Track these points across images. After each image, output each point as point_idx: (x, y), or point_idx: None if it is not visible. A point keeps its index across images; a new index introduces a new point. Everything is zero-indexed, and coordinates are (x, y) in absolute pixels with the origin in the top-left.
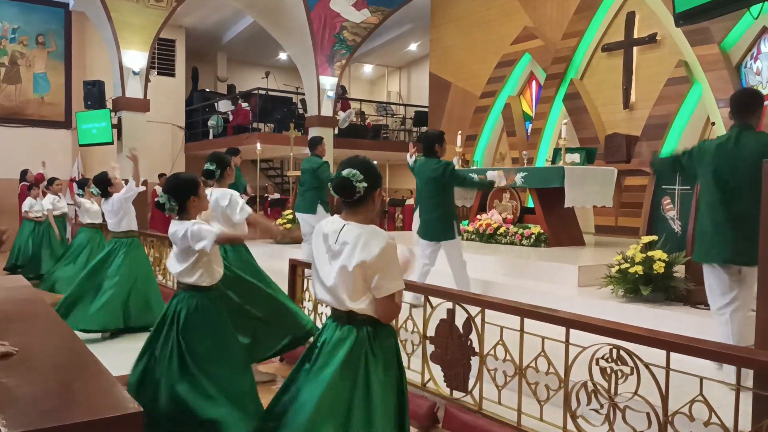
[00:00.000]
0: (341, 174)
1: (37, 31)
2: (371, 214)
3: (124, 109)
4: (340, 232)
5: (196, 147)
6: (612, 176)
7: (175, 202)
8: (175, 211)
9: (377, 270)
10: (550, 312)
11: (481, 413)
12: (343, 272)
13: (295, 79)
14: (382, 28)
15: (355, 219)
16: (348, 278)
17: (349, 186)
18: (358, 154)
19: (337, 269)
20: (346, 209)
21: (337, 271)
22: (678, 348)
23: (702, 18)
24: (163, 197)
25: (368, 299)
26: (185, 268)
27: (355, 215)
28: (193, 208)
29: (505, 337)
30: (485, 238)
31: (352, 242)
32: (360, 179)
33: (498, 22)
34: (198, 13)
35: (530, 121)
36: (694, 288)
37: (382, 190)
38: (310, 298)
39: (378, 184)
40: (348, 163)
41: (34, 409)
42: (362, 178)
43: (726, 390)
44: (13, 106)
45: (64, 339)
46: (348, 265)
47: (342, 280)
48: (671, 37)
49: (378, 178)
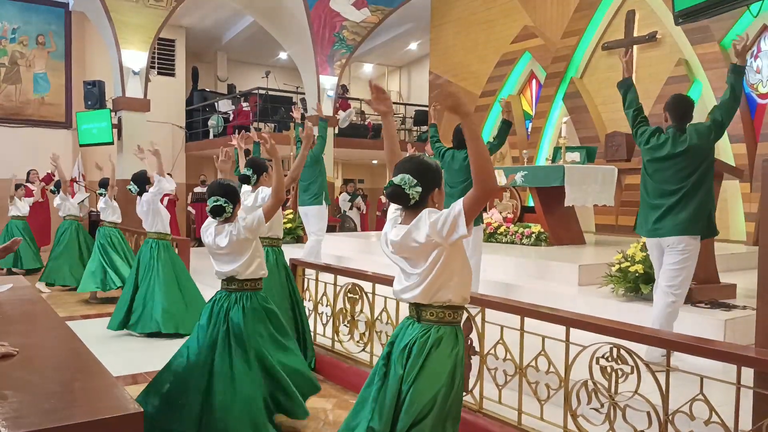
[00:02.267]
0: (393, 182)
1: (37, 31)
2: None
3: (124, 109)
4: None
5: (196, 147)
6: (612, 175)
7: (232, 206)
8: (230, 215)
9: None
10: (551, 311)
11: (482, 413)
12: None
13: (295, 79)
14: (382, 28)
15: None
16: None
17: (403, 194)
18: (358, 153)
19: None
20: (407, 213)
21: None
22: (678, 347)
23: (701, 16)
24: (221, 200)
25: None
26: (243, 264)
27: (413, 218)
28: (236, 212)
29: (505, 336)
30: (486, 238)
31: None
32: (413, 184)
33: (498, 21)
34: (198, 12)
35: (530, 120)
36: (694, 286)
37: (441, 188)
38: (310, 298)
39: (435, 184)
40: (401, 167)
41: (35, 409)
42: (415, 183)
43: (726, 389)
44: (13, 107)
45: (65, 340)
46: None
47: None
48: (671, 35)
49: (435, 177)
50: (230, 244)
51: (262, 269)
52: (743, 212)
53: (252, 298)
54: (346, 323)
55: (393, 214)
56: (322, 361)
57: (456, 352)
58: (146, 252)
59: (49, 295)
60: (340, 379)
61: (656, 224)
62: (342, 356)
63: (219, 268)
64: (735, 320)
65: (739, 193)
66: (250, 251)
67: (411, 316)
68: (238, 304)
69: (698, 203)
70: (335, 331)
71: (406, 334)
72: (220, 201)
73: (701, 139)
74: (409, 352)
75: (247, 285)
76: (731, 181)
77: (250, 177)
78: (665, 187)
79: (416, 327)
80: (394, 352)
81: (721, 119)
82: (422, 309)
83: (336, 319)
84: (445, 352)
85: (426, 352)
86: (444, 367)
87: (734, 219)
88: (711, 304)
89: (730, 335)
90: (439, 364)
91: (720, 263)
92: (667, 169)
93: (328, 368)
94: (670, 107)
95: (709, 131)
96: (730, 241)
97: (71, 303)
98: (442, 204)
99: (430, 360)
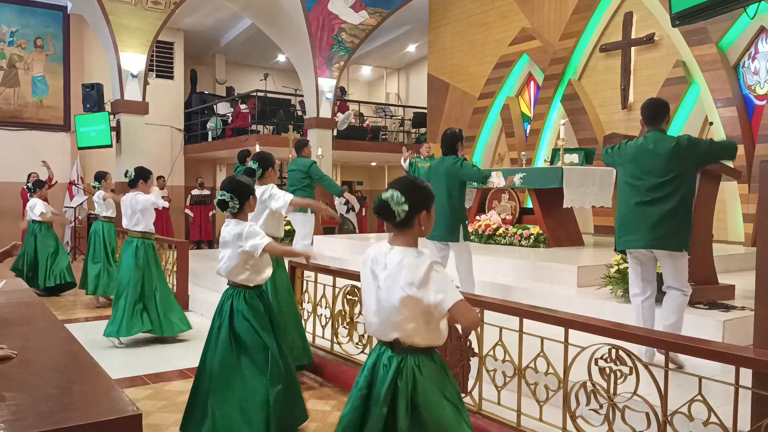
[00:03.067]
0: (381, 197)
1: (36, 34)
2: (416, 238)
3: (122, 112)
4: (387, 257)
5: (194, 149)
6: (611, 176)
7: (237, 201)
8: (235, 211)
9: (431, 285)
10: (549, 312)
11: (481, 414)
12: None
13: (293, 81)
14: (381, 30)
15: (400, 242)
16: (394, 310)
17: (388, 210)
18: (357, 155)
19: (380, 298)
20: (394, 231)
21: (380, 301)
22: (677, 348)
23: (698, 18)
24: (226, 195)
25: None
26: (232, 270)
27: (400, 238)
28: (248, 209)
29: (504, 337)
30: (484, 239)
31: (395, 267)
32: (401, 202)
33: (496, 24)
34: (196, 15)
35: (529, 122)
36: (693, 287)
37: (430, 212)
38: (309, 300)
39: (424, 206)
40: (392, 184)
41: (34, 411)
42: (403, 201)
43: (725, 390)
44: (12, 110)
45: (63, 342)
46: (391, 296)
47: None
48: (669, 37)
49: (424, 199)
50: (231, 240)
51: (251, 281)
52: (741, 213)
53: (249, 293)
54: (345, 325)
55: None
56: (321, 363)
57: (437, 368)
58: (131, 253)
59: (46, 298)
60: (339, 381)
61: (642, 234)
62: (341, 358)
63: (219, 265)
64: (733, 321)
65: (737, 195)
66: (241, 259)
67: (383, 343)
68: (238, 297)
69: (682, 216)
70: (334, 333)
71: (381, 362)
72: (225, 196)
73: (693, 147)
74: (395, 390)
75: (240, 284)
76: (729, 183)
77: (256, 170)
78: (650, 189)
79: (388, 355)
80: (375, 381)
81: (710, 149)
82: (397, 341)
83: (335, 321)
84: (430, 377)
85: (413, 390)
86: (436, 392)
87: (732, 220)
88: (709, 305)
89: (728, 336)
90: (432, 392)
91: (718, 264)
92: (651, 174)
93: (328, 370)
94: (642, 112)
95: (701, 144)
96: (728, 243)
97: (69, 306)
98: (429, 228)
99: (422, 395)
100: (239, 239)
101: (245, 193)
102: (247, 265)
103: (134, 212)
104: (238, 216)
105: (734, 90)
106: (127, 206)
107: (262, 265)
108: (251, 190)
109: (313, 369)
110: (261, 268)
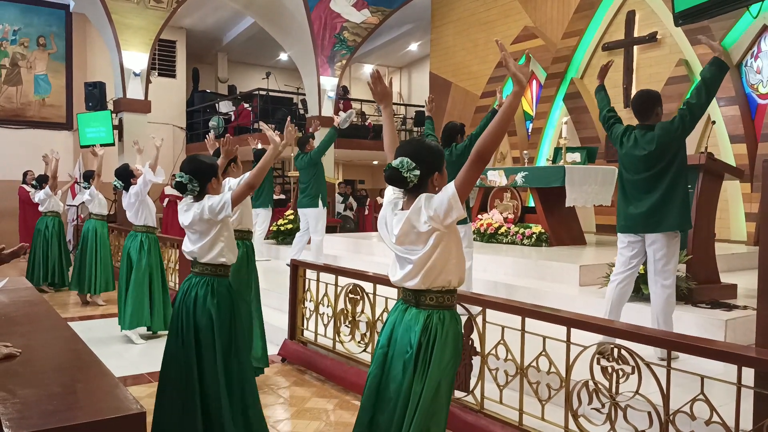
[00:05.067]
0: (391, 165)
1: (38, 32)
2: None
3: (125, 111)
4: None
5: (197, 148)
6: (613, 175)
7: (197, 183)
8: (195, 193)
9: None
10: (552, 311)
11: (483, 413)
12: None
13: (295, 80)
14: (383, 29)
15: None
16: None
17: (400, 178)
18: (359, 154)
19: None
20: (408, 196)
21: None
22: (679, 347)
23: (701, 17)
24: (185, 177)
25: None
26: (203, 246)
27: (413, 202)
28: (211, 191)
29: (506, 336)
30: (486, 238)
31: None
32: (411, 168)
33: (498, 22)
34: (198, 14)
35: (531, 121)
36: (695, 286)
37: (443, 172)
38: (312, 299)
39: (435, 167)
40: (400, 150)
41: (37, 410)
42: (414, 166)
43: (727, 389)
44: (14, 108)
45: (67, 340)
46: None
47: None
48: (671, 36)
49: (435, 160)
50: (193, 223)
51: (223, 256)
52: (744, 212)
53: (214, 283)
54: (347, 324)
55: (392, 195)
56: (323, 362)
57: (457, 331)
58: (136, 246)
59: (51, 296)
60: (341, 379)
61: (637, 221)
62: (343, 357)
63: (184, 247)
64: (736, 320)
65: (740, 194)
66: (212, 234)
67: (406, 301)
68: (199, 287)
69: (678, 200)
70: (336, 331)
71: (404, 321)
72: (183, 178)
73: (666, 135)
74: (418, 346)
75: (207, 270)
76: (732, 182)
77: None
78: (643, 185)
79: (414, 313)
80: (397, 340)
81: (689, 110)
82: (421, 294)
83: (337, 320)
84: (450, 336)
85: (432, 345)
86: (450, 352)
87: (735, 219)
88: (712, 304)
89: (730, 335)
90: (447, 351)
91: (721, 263)
92: (642, 170)
93: (330, 369)
94: (632, 106)
95: (673, 125)
96: (730, 242)
97: (73, 304)
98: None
99: (437, 350)
100: (204, 214)
101: (207, 174)
102: (219, 239)
103: (131, 205)
104: (199, 199)
105: (737, 89)
106: (126, 203)
107: (224, 240)
108: (213, 171)
109: (315, 367)
110: (232, 243)
